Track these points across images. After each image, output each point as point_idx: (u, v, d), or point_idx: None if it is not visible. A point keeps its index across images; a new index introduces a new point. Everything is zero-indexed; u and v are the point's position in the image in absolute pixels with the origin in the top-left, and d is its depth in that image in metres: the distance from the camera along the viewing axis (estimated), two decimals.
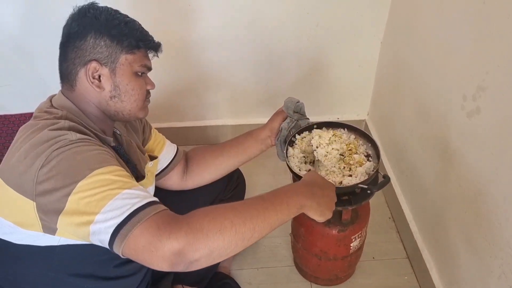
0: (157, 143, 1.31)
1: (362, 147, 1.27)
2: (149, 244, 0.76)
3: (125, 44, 0.96)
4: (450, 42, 1.27)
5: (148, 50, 1.03)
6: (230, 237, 0.79)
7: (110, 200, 0.79)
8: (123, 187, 0.82)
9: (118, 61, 0.97)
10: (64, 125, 0.91)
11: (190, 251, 0.76)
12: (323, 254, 1.37)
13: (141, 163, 1.16)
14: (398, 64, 1.70)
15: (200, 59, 1.86)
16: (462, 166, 1.22)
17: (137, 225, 0.77)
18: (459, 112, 1.22)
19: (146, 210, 0.79)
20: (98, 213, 0.79)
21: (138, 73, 1.01)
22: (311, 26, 1.78)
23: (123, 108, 1.02)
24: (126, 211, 0.78)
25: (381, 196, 1.87)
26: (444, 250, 1.37)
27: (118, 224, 0.78)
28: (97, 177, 0.82)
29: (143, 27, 1.03)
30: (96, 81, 0.97)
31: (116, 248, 0.79)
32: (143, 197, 0.82)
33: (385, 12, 1.75)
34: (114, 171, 0.85)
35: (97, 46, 0.94)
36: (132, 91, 1.00)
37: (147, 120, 1.31)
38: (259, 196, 0.90)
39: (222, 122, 2.08)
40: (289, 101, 1.29)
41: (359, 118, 2.11)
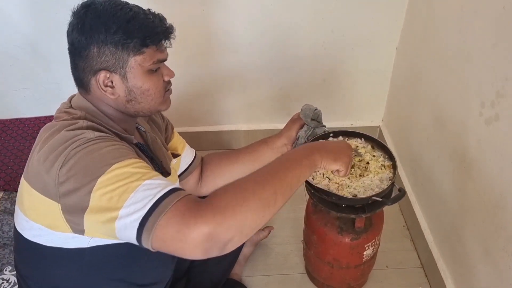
0: (179, 143, 1.31)
1: (380, 158, 1.25)
2: (177, 233, 0.74)
3: (131, 46, 0.91)
4: (467, 48, 1.24)
5: (158, 43, 0.96)
6: (256, 206, 0.78)
7: (132, 193, 0.78)
8: (143, 178, 0.80)
9: (128, 64, 0.92)
10: (82, 124, 0.90)
11: (222, 231, 0.74)
12: (335, 262, 1.35)
13: (166, 160, 1.15)
14: (413, 71, 1.68)
15: (214, 64, 1.86)
16: (481, 175, 1.19)
17: (162, 215, 0.75)
18: (477, 119, 1.19)
19: (169, 199, 0.77)
20: (121, 208, 0.77)
21: (152, 70, 0.96)
22: (326, 32, 1.77)
23: (142, 108, 1.00)
24: (148, 202, 0.76)
25: (396, 204, 1.82)
26: (461, 260, 1.34)
27: (143, 216, 0.76)
28: (116, 171, 0.80)
29: (152, 12, 0.96)
30: (109, 88, 0.94)
31: (145, 242, 0.77)
32: (164, 185, 0.80)
33: (401, 18, 1.73)
34: (133, 163, 0.83)
35: (103, 55, 0.91)
36: (147, 91, 0.97)
37: (168, 119, 1.30)
38: (269, 163, 0.89)
39: (236, 127, 2.07)
40: (307, 109, 1.27)
41: (373, 124, 2.09)
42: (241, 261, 1.55)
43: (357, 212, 1.18)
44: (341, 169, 1.02)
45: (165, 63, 1.01)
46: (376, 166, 1.23)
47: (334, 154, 0.99)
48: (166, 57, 1.00)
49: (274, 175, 0.84)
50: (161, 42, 0.97)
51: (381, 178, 1.19)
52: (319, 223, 1.31)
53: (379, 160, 1.25)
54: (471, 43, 1.22)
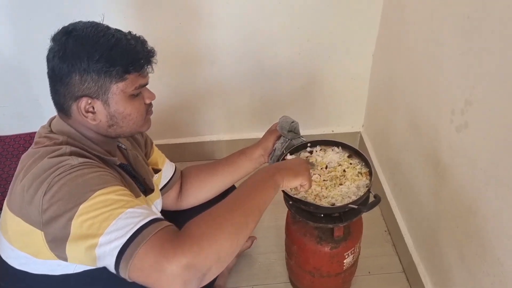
0: (159, 157, 1.32)
1: (357, 166, 1.27)
2: (156, 264, 0.74)
3: (113, 74, 0.90)
4: (438, 55, 1.27)
5: (141, 69, 0.96)
6: (230, 232, 0.80)
7: (114, 220, 0.78)
8: (126, 206, 0.80)
9: (110, 91, 0.92)
10: (65, 150, 0.90)
11: (200, 261, 0.74)
12: (316, 271, 1.36)
13: (148, 176, 1.16)
14: (390, 77, 1.70)
15: (194, 75, 1.87)
16: (454, 181, 1.21)
17: (141, 245, 0.75)
18: (449, 126, 1.21)
19: (150, 228, 0.77)
20: (102, 235, 0.77)
21: (134, 95, 0.97)
22: (302, 41, 1.78)
23: (123, 131, 1.00)
24: (130, 230, 0.76)
25: (377, 209, 1.86)
26: (439, 265, 1.36)
27: (123, 244, 0.76)
28: (99, 198, 0.80)
29: (133, 35, 0.96)
30: (90, 114, 0.94)
31: (122, 271, 0.77)
32: (146, 215, 0.80)
33: (375, 26, 1.76)
34: (116, 190, 0.83)
35: (85, 82, 0.90)
36: (129, 116, 0.97)
37: (147, 134, 1.31)
38: (236, 190, 0.94)
39: (217, 137, 2.08)
40: (284, 121, 1.28)
41: (354, 130, 2.10)
42: (225, 272, 1.55)
43: (335, 222, 1.20)
44: (304, 182, 1.06)
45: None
46: (353, 173, 1.24)
47: (293, 171, 1.04)
48: (147, 82, 1.00)
49: (243, 200, 0.88)
50: (144, 67, 0.97)
51: (358, 186, 1.21)
52: (299, 233, 1.32)
53: (356, 167, 1.26)
54: (441, 51, 1.25)
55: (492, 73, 0.99)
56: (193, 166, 1.40)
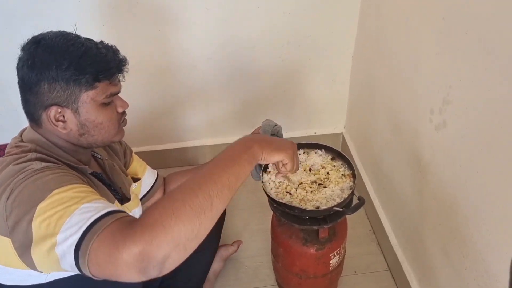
0: (139, 166, 1.31)
1: (340, 168, 1.28)
2: (109, 256, 0.70)
3: (83, 82, 0.90)
4: (415, 56, 1.29)
5: (112, 77, 0.96)
6: (188, 216, 0.72)
7: (68, 217, 0.76)
8: (81, 202, 0.78)
9: (80, 99, 0.92)
10: (31, 157, 0.89)
11: (153, 249, 0.69)
12: (303, 273, 1.36)
13: (125, 185, 1.15)
14: (369, 78, 1.72)
15: (175, 81, 1.86)
16: (435, 180, 1.23)
17: (94, 239, 0.72)
18: (428, 125, 1.23)
19: (103, 221, 0.75)
20: (58, 233, 0.75)
21: (105, 103, 0.96)
22: (282, 43, 1.79)
23: (95, 140, 1.00)
24: (83, 225, 0.74)
25: (361, 209, 1.86)
26: (423, 262, 1.37)
27: (77, 240, 0.73)
28: (56, 197, 0.79)
29: (105, 44, 0.96)
30: (61, 123, 0.94)
31: (83, 268, 0.74)
32: (101, 208, 0.78)
33: (353, 27, 1.78)
34: (74, 187, 0.81)
35: (54, 90, 0.90)
36: (101, 124, 0.97)
37: (126, 144, 1.30)
38: (204, 165, 0.86)
39: (201, 142, 2.08)
40: (267, 125, 1.29)
41: (336, 131, 2.12)
42: (211, 277, 1.55)
43: (320, 223, 1.21)
44: (286, 161, 0.96)
45: (120, 92, 1.02)
46: (337, 176, 1.25)
47: (274, 144, 0.93)
48: (119, 90, 1.00)
49: (208, 178, 0.78)
50: (114, 76, 0.97)
51: (342, 188, 1.22)
52: (284, 236, 1.33)
53: (340, 170, 1.28)
54: (418, 52, 1.27)
55: (468, 72, 1.01)
56: (176, 172, 1.40)
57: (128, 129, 1.99)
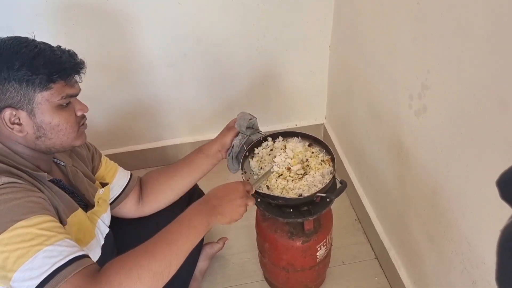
0: (108, 170, 1.27)
1: (319, 154, 1.27)
2: None
3: (36, 82, 0.89)
4: (392, 42, 1.28)
5: (67, 78, 0.94)
6: (150, 281, 0.81)
7: (30, 258, 0.77)
8: (45, 243, 0.79)
9: (34, 101, 0.90)
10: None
11: None
12: (290, 267, 1.35)
13: (89, 192, 1.12)
14: (347, 67, 1.71)
15: (149, 80, 1.82)
16: (417, 165, 1.23)
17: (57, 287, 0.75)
18: (408, 111, 1.23)
19: (65, 271, 0.77)
20: (16, 271, 0.77)
21: (62, 105, 0.94)
22: (259, 37, 1.77)
23: (53, 144, 0.97)
24: (44, 272, 0.76)
25: (346, 199, 1.87)
26: (409, 248, 1.37)
27: (37, 285, 0.75)
28: (19, 231, 0.78)
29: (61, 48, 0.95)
30: (17, 126, 0.91)
31: None
32: (66, 254, 0.79)
33: (329, 16, 1.76)
34: (39, 223, 0.81)
35: (6, 91, 0.88)
36: (57, 126, 0.95)
37: (96, 148, 1.27)
38: (166, 230, 0.91)
39: (180, 140, 2.05)
40: (242, 119, 1.27)
41: (317, 122, 2.11)
42: (198, 276, 1.53)
43: (304, 216, 1.19)
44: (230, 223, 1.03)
45: (82, 97, 1.00)
46: (316, 162, 1.24)
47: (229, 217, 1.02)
48: (77, 92, 0.98)
49: (170, 247, 0.87)
50: (70, 77, 0.95)
51: (323, 173, 1.20)
52: (269, 230, 1.31)
53: (319, 156, 1.26)
54: (394, 38, 1.26)
55: (445, 56, 1.01)
56: (152, 170, 1.38)
57: (106, 130, 1.96)
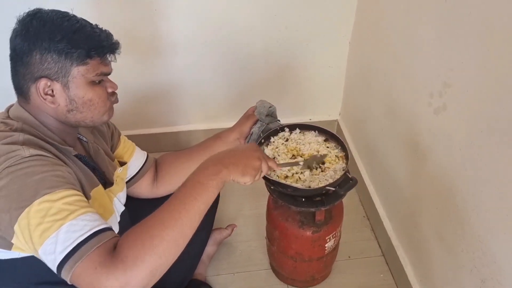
0: (126, 150, 1.29)
1: (334, 150, 1.27)
2: (90, 285, 0.76)
3: (74, 56, 0.90)
4: (415, 39, 1.28)
5: (103, 56, 0.97)
6: (165, 251, 0.79)
7: (54, 232, 0.78)
8: (68, 218, 0.80)
9: (70, 74, 0.92)
10: (18, 138, 0.88)
11: (135, 282, 0.75)
12: (298, 256, 1.36)
13: (109, 170, 1.13)
14: (366, 64, 1.71)
15: (168, 64, 1.84)
16: (432, 163, 1.23)
17: (77, 264, 0.76)
18: (427, 109, 1.23)
19: (87, 245, 0.78)
20: (42, 245, 0.78)
21: (95, 82, 0.96)
22: (280, 28, 1.78)
23: (83, 118, 0.99)
24: (67, 246, 0.77)
25: (355, 195, 1.88)
26: (418, 246, 1.38)
27: (60, 260, 0.77)
28: (45, 205, 0.80)
29: (99, 27, 0.97)
30: (49, 97, 0.93)
31: (63, 278, 0.78)
32: (88, 228, 0.80)
33: (352, 12, 1.76)
34: (64, 197, 0.82)
35: (45, 62, 0.89)
36: (90, 101, 0.96)
37: (115, 126, 1.28)
38: (174, 195, 0.86)
39: (194, 127, 2.06)
40: (261, 106, 1.28)
41: (331, 118, 2.12)
42: (205, 260, 1.54)
43: (316, 206, 1.20)
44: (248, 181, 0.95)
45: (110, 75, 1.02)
46: (330, 157, 1.25)
47: (241, 168, 0.93)
48: (110, 71, 1.00)
49: (181, 210, 0.83)
50: (106, 55, 0.97)
51: (335, 169, 1.21)
52: (280, 218, 1.32)
53: (333, 152, 1.27)
54: (418, 35, 1.26)
55: (469, 55, 1.01)
56: (168, 153, 1.39)
57: (121, 112, 1.97)
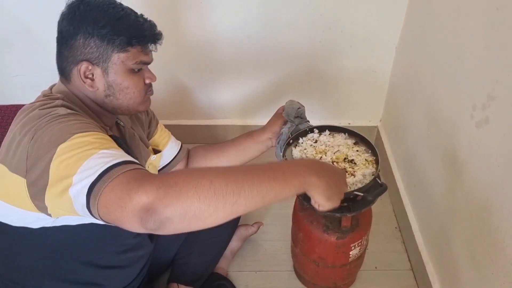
0: (162, 138, 1.31)
1: (364, 153, 1.23)
2: (118, 200, 0.72)
3: (116, 43, 0.93)
4: (462, 49, 1.22)
5: (144, 45, 0.99)
6: (207, 197, 0.71)
7: (86, 160, 0.77)
8: (99, 148, 0.80)
9: (110, 60, 0.95)
10: (57, 103, 0.92)
11: (160, 206, 0.69)
12: (321, 261, 1.33)
13: (142, 156, 1.16)
14: (411, 71, 1.65)
15: (211, 57, 1.85)
16: (469, 178, 1.17)
17: (109, 182, 0.74)
18: (469, 121, 1.17)
19: (120, 167, 0.76)
20: (75, 174, 0.77)
21: (134, 70, 0.99)
22: (324, 28, 1.75)
23: (119, 105, 1.02)
24: (99, 169, 0.76)
25: (389, 205, 1.82)
26: (448, 264, 1.32)
27: (92, 182, 0.75)
28: (76, 140, 0.81)
29: (144, 17, 0.99)
30: (89, 80, 0.96)
31: (93, 209, 0.76)
32: (120, 156, 0.80)
33: (401, 17, 1.71)
34: (95, 134, 0.83)
35: (87, 46, 0.93)
36: (126, 89, 0.99)
37: (154, 114, 1.31)
38: (256, 166, 0.79)
39: (231, 122, 2.06)
40: (290, 108, 1.27)
41: (371, 124, 2.06)
42: (228, 255, 1.54)
43: (342, 211, 1.17)
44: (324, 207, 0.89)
45: (149, 66, 1.04)
46: (360, 161, 1.21)
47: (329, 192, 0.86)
48: (150, 61, 1.02)
49: (246, 176, 0.75)
50: (147, 44, 0.99)
51: (364, 174, 1.17)
52: (306, 221, 1.30)
53: (363, 155, 1.23)
54: (465, 44, 1.20)
55: None
56: (200, 146, 1.40)
57: (161, 101, 2.01)
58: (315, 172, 0.83)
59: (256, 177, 0.76)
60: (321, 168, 0.86)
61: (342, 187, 0.91)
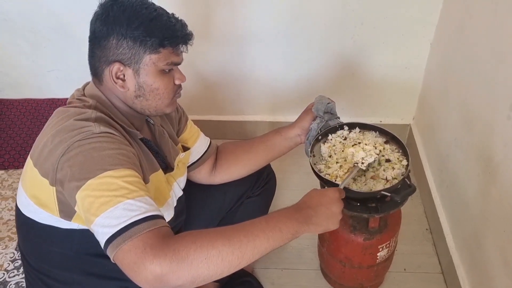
0: (191, 135, 1.31)
1: (395, 153, 1.20)
2: (134, 264, 0.77)
3: (148, 44, 0.93)
4: (500, 46, 1.17)
5: (175, 46, 0.99)
6: (216, 266, 0.79)
7: (111, 207, 0.80)
8: (127, 196, 0.82)
9: (142, 61, 0.95)
10: (91, 115, 0.93)
11: (173, 278, 0.76)
12: (347, 261, 1.31)
13: (171, 154, 1.16)
14: (447, 68, 1.60)
15: (241, 53, 1.85)
16: (505, 181, 1.13)
17: (127, 241, 0.78)
18: (505, 122, 1.12)
19: (140, 226, 0.79)
20: (98, 217, 0.81)
21: (164, 71, 0.99)
22: (356, 24, 1.71)
23: (148, 105, 1.02)
24: (122, 223, 0.79)
25: (420, 206, 1.78)
26: (480, 269, 1.28)
27: (111, 234, 0.79)
28: (107, 179, 0.83)
29: (175, 17, 0.99)
30: (120, 81, 0.97)
31: (109, 253, 0.80)
32: (144, 211, 0.82)
33: (436, 12, 1.65)
34: (126, 176, 0.85)
35: (120, 47, 0.93)
36: (157, 90, 0.99)
37: (184, 111, 1.31)
38: (250, 222, 0.87)
39: (260, 118, 2.06)
40: (319, 103, 1.24)
41: (403, 122, 2.01)
42: None
43: (370, 212, 1.14)
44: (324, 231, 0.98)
45: (180, 66, 1.04)
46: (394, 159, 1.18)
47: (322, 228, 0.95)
48: (180, 61, 1.02)
49: (248, 240, 0.82)
50: (178, 45, 0.99)
51: (394, 173, 1.14)
52: None
53: (394, 155, 1.20)
54: (504, 41, 1.15)
55: None
56: (229, 142, 1.40)
57: (191, 96, 2.03)
58: (299, 222, 0.91)
59: (258, 239, 0.84)
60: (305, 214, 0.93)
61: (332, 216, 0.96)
